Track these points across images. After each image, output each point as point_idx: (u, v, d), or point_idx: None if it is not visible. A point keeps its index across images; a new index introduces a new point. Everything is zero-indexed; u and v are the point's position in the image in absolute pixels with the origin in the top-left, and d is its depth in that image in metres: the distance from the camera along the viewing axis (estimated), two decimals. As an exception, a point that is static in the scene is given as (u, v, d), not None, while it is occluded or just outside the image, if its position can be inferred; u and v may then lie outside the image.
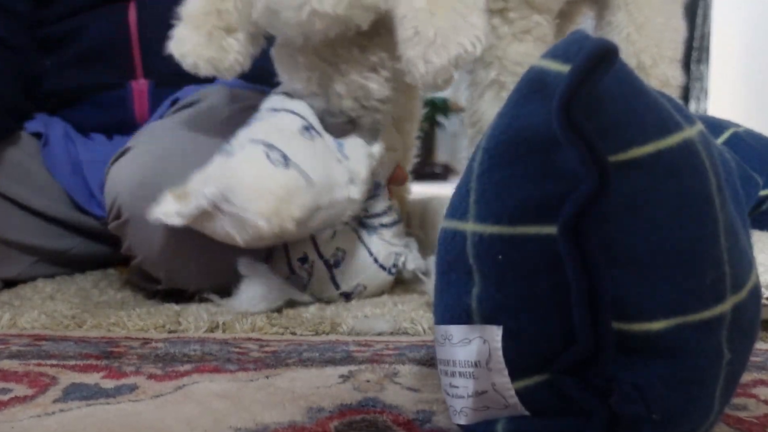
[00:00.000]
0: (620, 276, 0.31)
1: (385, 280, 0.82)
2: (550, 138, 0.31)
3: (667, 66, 0.94)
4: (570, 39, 0.31)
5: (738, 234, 0.33)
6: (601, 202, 0.30)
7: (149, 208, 0.73)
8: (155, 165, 0.78)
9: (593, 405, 0.32)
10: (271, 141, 0.69)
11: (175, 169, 0.77)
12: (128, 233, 0.79)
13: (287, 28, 0.71)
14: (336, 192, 0.71)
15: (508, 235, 0.32)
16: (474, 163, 0.35)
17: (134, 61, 1.02)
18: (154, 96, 1.03)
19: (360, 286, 0.80)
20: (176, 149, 0.80)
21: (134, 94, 1.03)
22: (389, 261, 0.81)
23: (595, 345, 0.31)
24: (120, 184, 0.79)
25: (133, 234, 0.78)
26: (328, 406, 0.45)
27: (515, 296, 0.33)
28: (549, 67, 0.31)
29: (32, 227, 0.93)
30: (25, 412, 0.44)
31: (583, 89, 0.29)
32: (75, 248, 0.98)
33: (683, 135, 0.31)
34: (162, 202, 0.67)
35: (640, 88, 0.31)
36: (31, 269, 0.94)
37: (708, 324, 0.31)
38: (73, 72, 1.04)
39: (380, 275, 0.81)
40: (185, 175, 0.76)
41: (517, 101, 0.33)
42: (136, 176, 0.78)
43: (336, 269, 0.78)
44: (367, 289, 0.80)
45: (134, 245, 0.79)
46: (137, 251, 0.80)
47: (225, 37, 0.79)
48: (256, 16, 0.74)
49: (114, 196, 0.79)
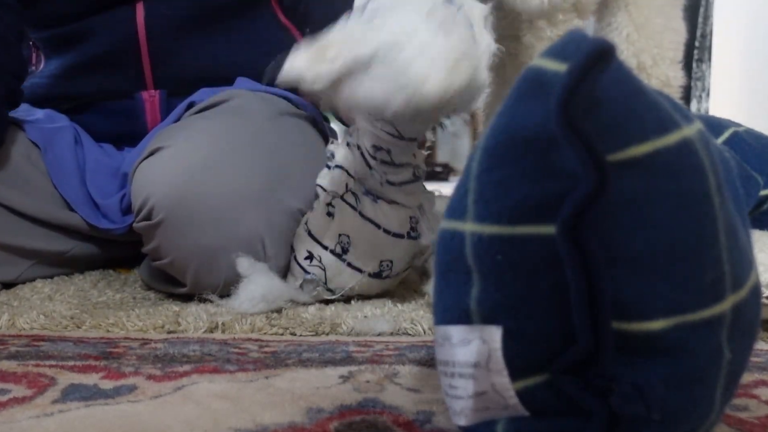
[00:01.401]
0: (619, 275, 0.31)
1: (408, 248, 0.77)
2: (548, 137, 0.31)
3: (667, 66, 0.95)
4: (567, 38, 0.31)
5: (737, 233, 0.33)
6: (599, 201, 0.30)
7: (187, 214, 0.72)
8: (193, 166, 0.77)
9: (593, 405, 0.32)
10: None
11: (213, 170, 0.76)
12: (159, 234, 0.77)
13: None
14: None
15: (507, 235, 0.32)
16: (473, 163, 0.35)
17: (143, 70, 0.99)
18: (167, 107, 1.01)
19: (385, 262, 0.76)
20: (215, 150, 0.79)
21: (145, 105, 1.00)
22: (405, 226, 0.76)
23: (595, 345, 0.31)
24: (153, 183, 0.77)
25: (164, 235, 0.77)
26: (328, 406, 0.45)
27: (514, 296, 0.33)
28: (547, 66, 0.31)
29: (29, 231, 0.92)
30: (23, 412, 0.44)
31: (581, 88, 0.29)
32: (74, 249, 0.96)
33: (682, 134, 0.31)
34: (296, 59, 0.59)
35: (638, 87, 0.31)
36: (30, 271, 0.93)
37: (708, 323, 0.31)
38: (79, 78, 1.02)
39: (400, 244, 0.76)
40: (225, 178, 0.76)
41: (515, 101, 0.33)
42: (172, 177, 0.76)
43: (347, 255, 0.76)
44: (394, 263, 0.76)
45: (164, 247, 0.78)
46: (167, 253, 0.78)
47: None
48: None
49: (146, 196, 0.78)
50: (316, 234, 0.77)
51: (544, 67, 0.32)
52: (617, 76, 0.31)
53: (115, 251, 1.01)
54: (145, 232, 0.80)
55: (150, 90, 1.00)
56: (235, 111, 0.89)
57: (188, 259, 0.77)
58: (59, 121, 1.02)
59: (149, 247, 0.80)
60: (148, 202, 0.77)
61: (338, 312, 0.72)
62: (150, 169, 0.80)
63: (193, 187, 0.75)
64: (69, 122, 1.03)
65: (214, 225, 0.75)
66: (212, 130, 0.84)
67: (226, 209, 0.75)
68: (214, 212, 0.75)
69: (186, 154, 0.79)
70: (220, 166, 0.77)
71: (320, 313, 0.72)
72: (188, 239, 0.76)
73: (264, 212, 0.77)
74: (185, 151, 0.79)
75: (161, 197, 0.76)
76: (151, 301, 0.82)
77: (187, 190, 0.75)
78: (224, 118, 0.87)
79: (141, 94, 1.00)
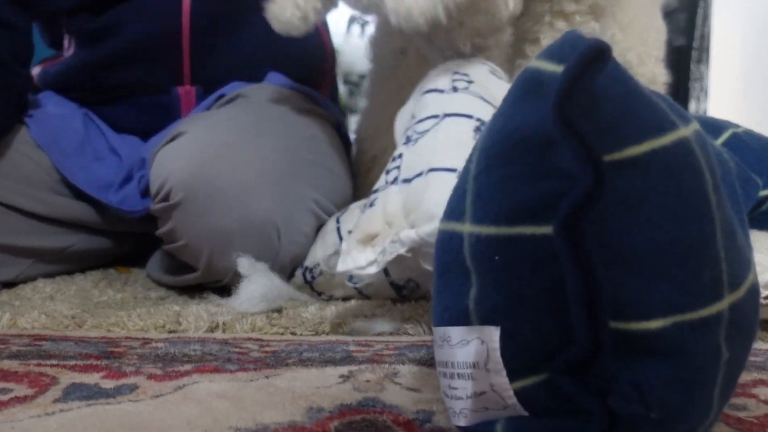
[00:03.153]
0: (617, 275, 0.31)
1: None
2: (545, 138, 0.31)
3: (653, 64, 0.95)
4: (564, 39, 0.31)
5: (735, 233, 0.33)
6: (596, 201, 0.30)
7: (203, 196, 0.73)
8: (211, 151, 0.77)
9: (592, 405, 0.32)
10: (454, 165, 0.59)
11: (232, 154, 0.77)
12: (176, 216, 0.78)
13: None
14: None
15: (504, 235, 0.32)
16: (470, 164, 0.35)
17: (182, 64, 0.99)
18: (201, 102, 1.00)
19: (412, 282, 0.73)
20: (234, 135, 0.80)
21: (181, 100, 1.00)
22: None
23: (593, 345, 0.31)
24: (172, 165, 0.78)
25: (181, 217, 0.77)
26: (328, 406, 0.45)
27: (513, 297, 0.33)
28: (544, 67, 0.32)
29: (26, 228, 0.91)
30: (25, 412, 0.44)
31: (578, 88, 0.29)
32: (74, 245, 0.96)
33: (678, 134, 0.31)
34: (349, 253, 0.59)
35: (635, 88, 0.31)
36: (30, 270, 0.92)
37: (706, 322, 0.31)
38: (114, 68, 1.00)
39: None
40: (243, 162, 0.76)
41: (512, 102, 0.33)
42: (191, 159, 0.77)
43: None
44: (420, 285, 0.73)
45: (180, 229, 0.78)
46: (182, 234, 0.78)
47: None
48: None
49: (164, 177, 0.78)
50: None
51: (541, 68, 0.32)
52: (614, 76, 0.31)
53: (117, 246, 1.01)
54: (162, 214, 0.80)
55: (186, 86, 1.00)
56: (260, 103, 0.90)
57: (203, 241, 0.77)
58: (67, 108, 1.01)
59: (164, 229, 0.80)
60: (167, 183, 0.78)
61: (338, 312, 0.73)
62: (170, 152, 0.80)
63: (211, 170, 0.76)
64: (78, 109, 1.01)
65: (229, 208, 0.76)
66: (233, 117, 0.85)
67: (242, 193, 0.76)
68: (231, 195, 0.76)
69: (205, 138, 0.79)
70: (238, 150, 0.78)
71: (320, 313, 0.72)
72: (204, 221, 0.76)
73: (280, 199, 0.78)
74: (205, 135, 0.80)
75: (179, 179, 0.77)
76: (152, 300, 0.82)
77: (204, 172, 0.76)
78: (247, 108, 0.88)
79: (177, 89, 1.00)
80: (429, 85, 0.66)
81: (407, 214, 0.57)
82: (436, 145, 0.60)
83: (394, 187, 0.60)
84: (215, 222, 0.76)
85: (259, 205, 0.76)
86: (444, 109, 0.63)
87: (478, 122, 0.62)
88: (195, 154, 0.77)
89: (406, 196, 0.58)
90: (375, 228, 0.59)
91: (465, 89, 0.64)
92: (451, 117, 0.62)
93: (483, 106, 0.63)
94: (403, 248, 0.55)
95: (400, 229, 0.57)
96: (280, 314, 0.72)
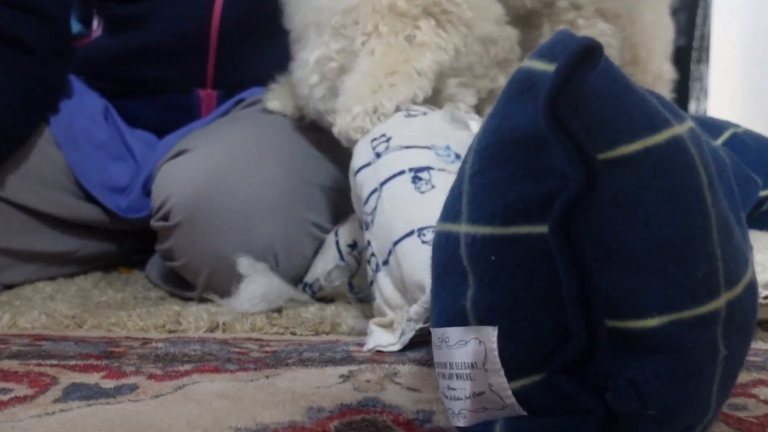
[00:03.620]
0: (612, 273, 0.31)
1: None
2: (538, 137, 0.31)
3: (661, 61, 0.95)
4: (555, 38, 0.31)
5: (732, 230, 0.33)
6: (590, 199, 0.30)
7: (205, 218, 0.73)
8: (213, 173, 0.77)
9: (589, 402, 0.32)
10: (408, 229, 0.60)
11: (234, 178, 0.77)
12: (175, 236, 0.78)
13: None
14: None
15: (500, 235, 0.32)
16: (466, 165, 0.35)
17: (207, 67, 0.98)
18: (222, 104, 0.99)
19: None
20: (236, 157, 0.79)
21: (201, 103, 0.99)
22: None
23: (589, 343, 0.31)
24: (174, 185, 0.78)
25: (180, 238, 0.77)
26: (328, 406, 0.45)
27: (509, 296, 0.33)
28: (536, 66, 0.32)
29: (34, 230, 0.90)
30: (25, 412, 0.44)
31: (569, 87, 0.29)
32: (81, 250, 0.95)
33: (672, 132, 0.31)
34: (373, 333, 0.61)
35: (627, 86, 0.31)
36: (35, 274, 0.91)
37: (702, 320, 0.31)
38: (140, 62, 0.99)
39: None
40: (244, 185, 0.76)
41: (505, 102, 0.33)
42: (193, 180, 0.77)
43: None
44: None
45: (179, 249, 0.78)
46: (181, 255, 0.78)
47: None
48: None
49: (165, 196, 0.78)
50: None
51: (534, 67, 0.32)
52: (606, 74, 0.31)
53: (124, 247, 1.00)
54: (161, 232, 0.80)
55: (208, 89, 0.99)
56: (267, 117, 0.89)
57: (201, 263, 0.77)
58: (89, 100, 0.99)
59: (164, 246, 0.80)
60: (167, 203, 0.77)
61: (338, 311, 0.73)
62: (172, 170, 0.80)
63: (212, 193, 0.76)
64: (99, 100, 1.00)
65: (229, 233, 0.75)
66: (237, 135, 0.84)
67: (242, 218, 0.76)
68: (231, 220, 0.76)
69: (208, 158, 0.79)
70: (240, 173, 0.77)
71: (320, 313, 0.72)
72: (203, 244, 0.76)
73: (280, 223, 0.77)
74: (208, 155, 0.79)
75: (180, 200, 0.76)
76: (152, 300, 0.82)
77: (205, 195, 0.76)
78: (256, 123, 0.87)
79: (198, 92, 0.99)
80: (357, 163, 0.68)
81: (403, 294, 0.60)
82: (388, 218, 0.61)
83: (380, 273, 0.62)
84: (214, 246, 0.76)
85: (259, 231, 0.76)
86: (378, 180, 0.64)
87: (411, 171, 0.63)
88: (196, 176, 0.77)
89: (391, 278, 0.61)
90: (387, 317, 0.61)
91: (386, 150, 0.65)
92: (386, 183, 0.63)
93: (407, 153, 0.64)
94: (420, 322, 0.57)
95: (405, 310, 0.59)
96: (280, 314, 0.72)
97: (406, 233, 0.59)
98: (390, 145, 0.65)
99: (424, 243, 0.57)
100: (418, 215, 0.59)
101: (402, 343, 0.58)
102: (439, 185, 0.61)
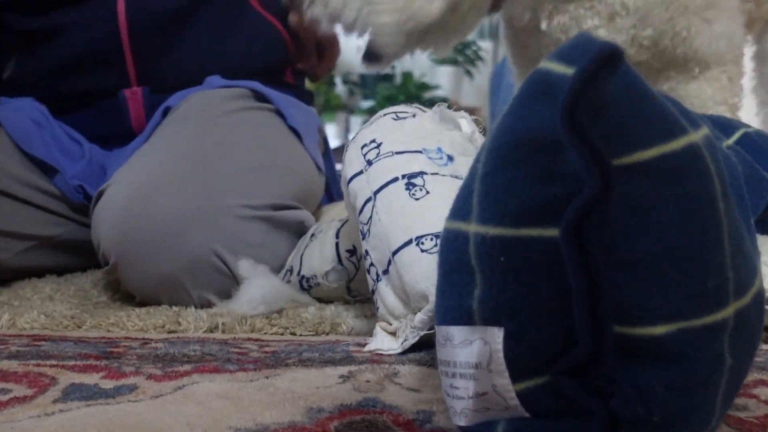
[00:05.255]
0: (622, 279, 0.31)
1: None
2: (554, 140, 0.31)
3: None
4: (575, 41, 0.31)
5: (742, 239, 0.33)
6: (603, 205, 0.30)
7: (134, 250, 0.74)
8: (129, 203, 0.77)
9: (594, 407, 0.32)
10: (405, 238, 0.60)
11: (150, 203, 0.76)
12: (120, 275, 0.78)
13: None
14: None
15: (510, 236, 0.32)
16: (478, 164, 0.35)
17: (127, 66, 0.98)
18: (150, 103, 0.99)
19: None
20: (155, 183, 0.79)
21: (128, 103, 0.99)
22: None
23: (596, 348, 0.31)
24: (101, 228, 0.78)
25: (124, 276, 0.78)
26: (328, 406, 0.45)
27: (517, 298, 0.33)
28: (554, 69, 0.31)
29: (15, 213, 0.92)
30: (24, 412, 0.44)
31: (588, 92, 0.29)
32: (64, 234, 0.97)
33: (688, 139, 0.31)
34: (377, 338, 0.61)
35: (645, 92, 0.31)
36: (24, 255, 0.93)
37: (710, 329, 0.31)
38: (61, 77, 1.00)
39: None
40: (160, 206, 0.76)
41: (521, 102, 0.33)
42: (114, 219, 0.77)
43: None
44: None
45: (130, 285, 0.79)
46: (134, 290, 0.79)
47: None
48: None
49: (97, 242, 0.79)
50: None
51: (552, 69, 0.31)
52: (624, 80, 0.30)
53: None
54: (112, 276, 0.81)
55: (133, 87, 0.99)
56: (197, 118, 0.89)
57: (154, 289, 0.77)
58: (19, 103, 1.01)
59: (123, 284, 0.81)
60: (100, 248, 0.79)
61: (338, 312, 0.73)
62: (98, 213, 0.81)
63: (132, 224, 0.76)
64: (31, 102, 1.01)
65: (162, 252, 0.75)
66: (159, 155, 0.84)
67: (168, 234, 0.75)
68: (157, 240, 0.75)
69: (123, 191, 0.79)
70: (154, 195, 0.77)
71: (320, 313, 0.72)
72: (143, 274, 0.76)
73: (210, 224, 0.77)
74: (127, 188, 0.79)
75: (107, 242, 0.77)
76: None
77: (127, 229, 0.76)
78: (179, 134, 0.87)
79: (123, 92, 0.99)
80: (348, 172, 0.66)
81: (405, 303, 0.59)
82: (384, 228, 0.60)
83: (381, 284, 0.61)
84: (154, 272, 0.76)
85: (187, 238, 0.75)
86: (371, 188, 0.63)
87: (404, 178, 0.61)
88: (116, 214, 0.77)
89: (393, 288, 0.60)
90: (391, 325, 0.61)
91: (377, 157, 0.64)
92: (380, 192, 0.62)
93: (399, 159, 0.63)
94: (423, 330, 0.57)
95: (409, 318, 0.58)
96: (279, 315, 0.72)
97: (404, 242, 0.58)
98: (381, 151, 0.64)
99: (423, 252, 0.57)
100: (414, 223, 0.59)
101: (403, 348, 0.58)
102: (434, 190, 0.60)
